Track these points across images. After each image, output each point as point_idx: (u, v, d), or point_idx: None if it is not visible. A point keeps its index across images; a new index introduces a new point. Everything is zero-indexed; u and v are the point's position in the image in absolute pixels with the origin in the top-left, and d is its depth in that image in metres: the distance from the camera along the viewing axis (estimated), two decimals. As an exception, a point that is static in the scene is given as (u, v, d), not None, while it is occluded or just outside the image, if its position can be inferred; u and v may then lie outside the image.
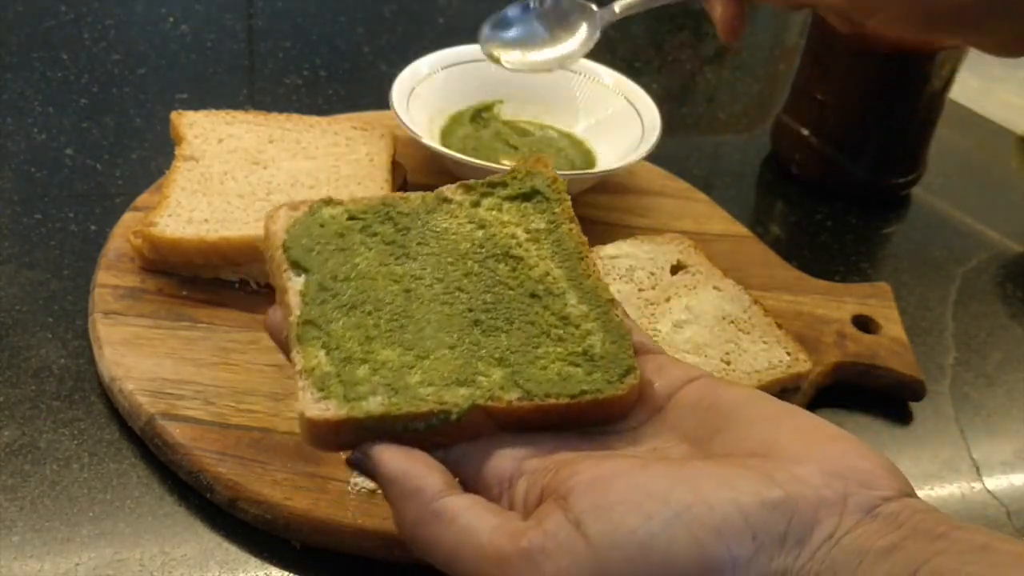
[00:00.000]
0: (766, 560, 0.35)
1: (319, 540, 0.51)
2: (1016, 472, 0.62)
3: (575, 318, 0.44)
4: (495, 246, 0.46)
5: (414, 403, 0.40)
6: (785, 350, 0.60)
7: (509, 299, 0.44)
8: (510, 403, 0.41)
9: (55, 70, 0.86)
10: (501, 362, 0.42)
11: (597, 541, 0.35)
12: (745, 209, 0.81)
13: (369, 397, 0.40)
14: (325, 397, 0.40)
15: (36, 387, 0.57)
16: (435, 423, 0.40)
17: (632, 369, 0.42)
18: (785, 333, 0.61)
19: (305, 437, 0.40)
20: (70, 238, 0.68)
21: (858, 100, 0.79)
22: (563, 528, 0.36)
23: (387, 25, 1.01)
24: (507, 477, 0.40)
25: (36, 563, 0.49)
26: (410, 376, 0.41)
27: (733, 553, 0.35)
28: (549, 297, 0.44)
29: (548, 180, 0.48)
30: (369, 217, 0.46)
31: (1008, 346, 0.71)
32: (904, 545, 0.34)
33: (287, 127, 0.71)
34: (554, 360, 0.42)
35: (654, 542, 0.35)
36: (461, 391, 0.41)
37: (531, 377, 0.42)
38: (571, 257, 0.46)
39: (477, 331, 0.43)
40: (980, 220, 0.85)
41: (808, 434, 0.39)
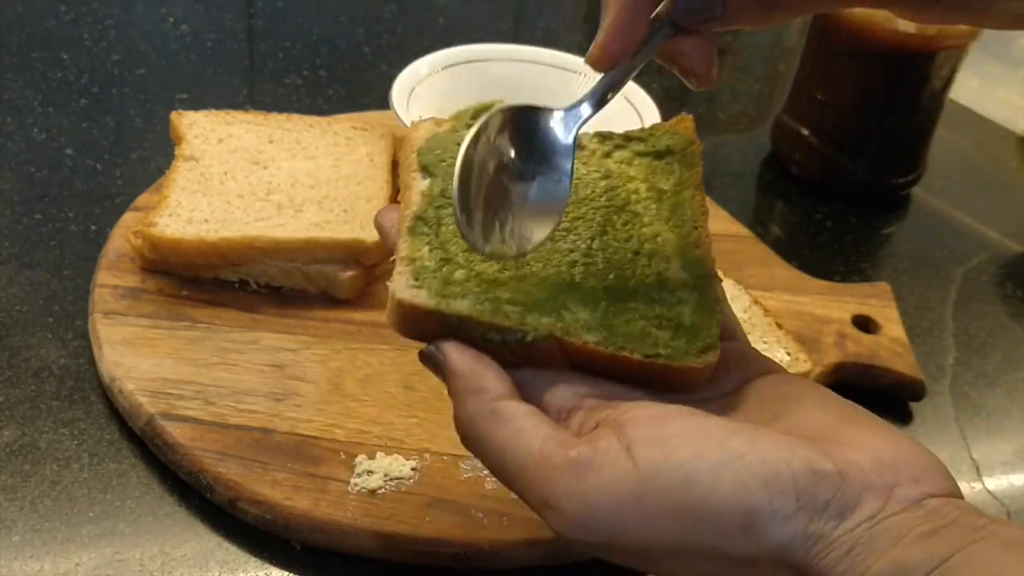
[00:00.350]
0: (804, 521, 0.36)
1: (319, 540, 0.51)
2: (1016, 472, 0.62)
3: (672, 284, 0.44)
4: (614, 197, 0.46)
5: (497, 315, 0.41)
6: (785, 350, 0.60)
7: (613, 250, 0.45)
8: (586, 343, 0.41)
9: (55, 70, 0.86)
10: (589, 304, 0.42)
11: (644, 465, 0.36)
12: (745, 209, 0.81)
13: (459, 298, 0.41)
14: (418, 286, 0.41)
15: (36, 387, 0.57)
16: (511, 339, 0.41)
17: (713, 347, 0.42)
18: (785, 333, 0.61)
19: (391, 318, 0.42)
20: (70, 238, 0.68)
21: (858, 100, 0.79)
22: (614, 448, 0.37)
23: (387, 25, 1.01)
24: (567, 408, 0.41)
25: (36, 563, 0.49)
26: (500, 292, 0.42)
27: (774, 506, 0.35)
28: (653, 258, 0.45)
29: (685, 142, 0.48)
30: None
31: (1008, 346, 0.71)
32: (943, 532, 0.35)
33: (287, 127, 0.71)
34: (641, 318, 0.42)
35: (700, 477, 0.36)
36: (544, 319, 0.41)
37: (614, 327, 0.42)
38: (686, 224, 0.46)
39: (575, 271, 0.44)
40: (980, 220, 0.85)
41: (868, 427, 0.39)
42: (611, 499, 0.36)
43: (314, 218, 0.63)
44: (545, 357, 0.42)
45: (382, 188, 0.67)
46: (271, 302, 0.62)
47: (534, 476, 0.38)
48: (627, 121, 0.76)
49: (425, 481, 0.53)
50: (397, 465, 0.53)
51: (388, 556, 0.50)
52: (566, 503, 0.37)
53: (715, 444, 0.36)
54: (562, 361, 0.42)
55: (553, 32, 1.06)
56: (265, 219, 0.63)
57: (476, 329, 0.41)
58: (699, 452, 0.36)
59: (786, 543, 0.36)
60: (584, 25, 1.11)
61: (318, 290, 0.63)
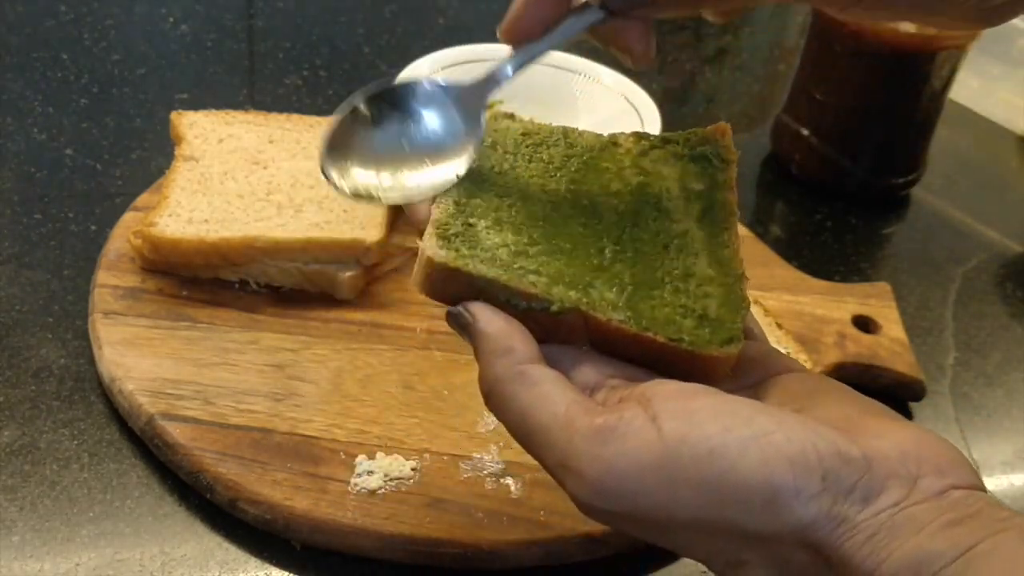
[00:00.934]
0: (828, 502, 0.36)
1: (319, 540, 0.51)
2: (1016, 472, 0.62)
3: (699, 278, 0.44)
4: (646, 193, 0.47)
5: (524, 282, 0.41)
6: (785, 350, 0.60)
7: (641, 241, 0.45)
8: (611, 320, 0.41)
9: (55, 70, 0.86)
10: (616, 287, 0.43)
11: (669, 436, 0.36)
12: (745, 209, 0.81)
13: (486, 262, 0.42)
14: (447, 247, 0.41)
15: (36, 387, 0.57)
16: (535, 307, 0.41)
17: (737, 339, 0.42)
18: (785, 333, 0.61)
19: (418, 278, 0.42)
20: (70, 238, 0.68)
21: (858, 100, 0.79)
22: (639, 417, 0.37)
23: (387, 25, 1.01)
24: (591, 385, 0.41)
25: (36, 563, 0.49)
26: (527, 263, 0.42)
27: (798, 484, 0.35)
28: (681, 252, 0.45)
29: (722, 149, 0.49)
30: (541, 138, 0.49)
31: (1008, 346, 0.71)
32: (967, 522, 0.35)
33: (287, 127, 0.71)
34: (667, 305, 0.43)
35: (725, 451, 0.35)
36: (570, 292, 0.42)
37: (640, 309, 0.42)
38: (716, 224, 0.46)
39: (603, 257, 0.44)
40: (980, 220, 0.85)
41: (893, 421, 0.39)
42: (634, 466, 0.36)
43: (314, 218, 0.63)
44: (568, 332, 0.42)
45: (382, 188, 0.67)
46: (271, 302, 0.62)
47: (557, 439, 0.37)
48: (627, 121, 0.76)
49: (425, 481, 0.53)
50: (397, 465, 0.53)
51: (388, 556, 0.50)
52: (588, 467, 0.36)
53: (742, 420, 0.36)
54: (584, 338, 0.42)
55: (553, 32, 1.06)
56: (265, 219, 0.63)
57: (503, 293, 0.41)
58: (726, 427, 0.36)
59: (809, 522, 0.36)
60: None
61: (318, 290, 0.63)
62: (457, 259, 0.41)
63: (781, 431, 0.36)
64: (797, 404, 0.41)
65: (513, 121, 0.49)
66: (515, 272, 0.42)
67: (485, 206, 0.44)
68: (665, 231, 0.46)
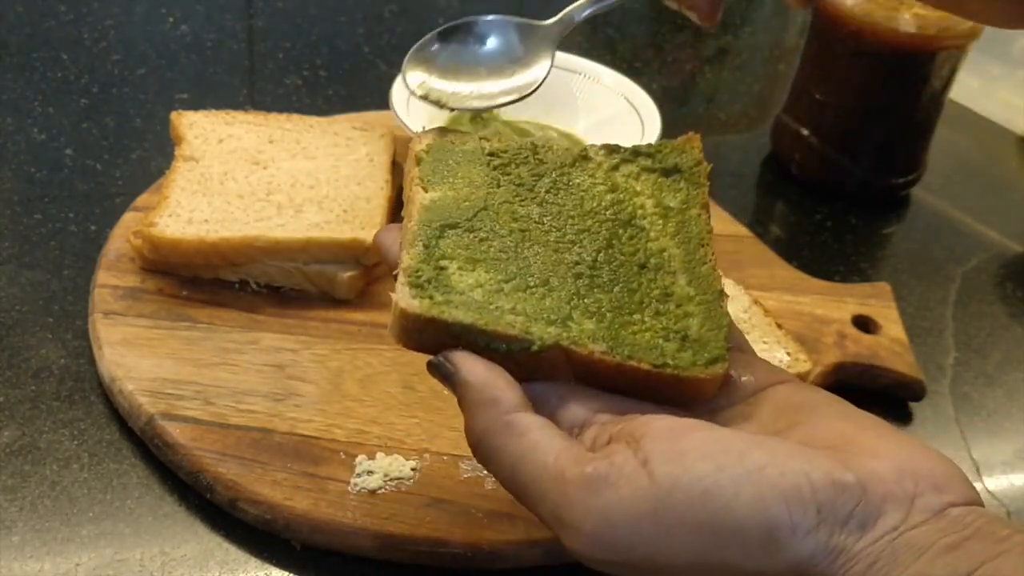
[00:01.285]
0: (826, 535, 0.35)
1: (319, 540, 0.51)
2: (1016, 472, 0.62)
3: (679, 298, 0.44)
4: (621, 211, 0.47)
5: (501, 323, 0.41)
6: (785, 350, 0.60)
7: (618, 263, 0.45)
8: (592, 353, 0.41)
9: (55, 70, 0.86)
10: (595, 316, 0.42)
11: (662, 481, 0.35)
12: (745, 209, 0.81)
13: (461, 307, 0.41)
14: (421, 295, 0.41)
15: (36, 387, 0.57)
16: (515, 348, 0.41)
17: (721, 359, 0.42)
18: (785, 333, 0.61)
19: (394, 330, 0.42)
20: (70, 238, 0.68)
21: (858, 100, 0.79)
22: (630, 463, 0.36)
23: (387, 25, 1.01)
24: (579, 423, 0.40)
25: (36, 563, 0.49)
26: (503, 301, 0.42)
27: (794, 520, 0.35)
28: (659, 272, 0.45)
29: (693, 161, 0.49)
30: (509, 157, 0.48)
31: (1008, 346, 0.71)
32: (966, 545, 0.34)
33: (287, 127, 0.71)
34: (647, 330, 0.43)
35: (719, 491, 0.35)
36: (549, 329, 0.41)
37: (621, 337, 0.42)
38: (692, 241, 0.46)
39: (579, 283, 0.44)
40: (980, 220, 0.85)
41: (885, 436, 0.39)
42: (629, 515, 0.35)
43: (314, 218, 0.63)
44: (551, 369, 0.41)
45: (382, 188, 0.67)
46: (271, 302, 0.62)
47: (548, 491, 0.37)
48: (627, 121, 0.76)
49: (425, 481, 0.53)
50: (397, 465, 0.53)
51: (388, 556, 0.50)
52: (583, 520, 0.36)
53: (734, 457, 0.36)
54: (568, 373, 0.42)
55: (553, 32, 1.06)
56: (265, 219, 0.63)
57: (481, 338, 0.41)
58: (718, 465, 0.35)
59: (808, 557, 0.35)
60: (584, 25, 1.10)
61: (318, 290, 0.63)
62: (432, 308, 0.41)
63: (773, 464, 0.36)
64: (788, 420, 0.40)
65: (477, 141, 0.49)
66: (492, 314, 0.41)
67: (455, 244, 0.44)
68: (642, 250, 0.46)
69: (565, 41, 0.75)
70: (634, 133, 0.75)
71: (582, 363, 0.41)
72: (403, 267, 0.43)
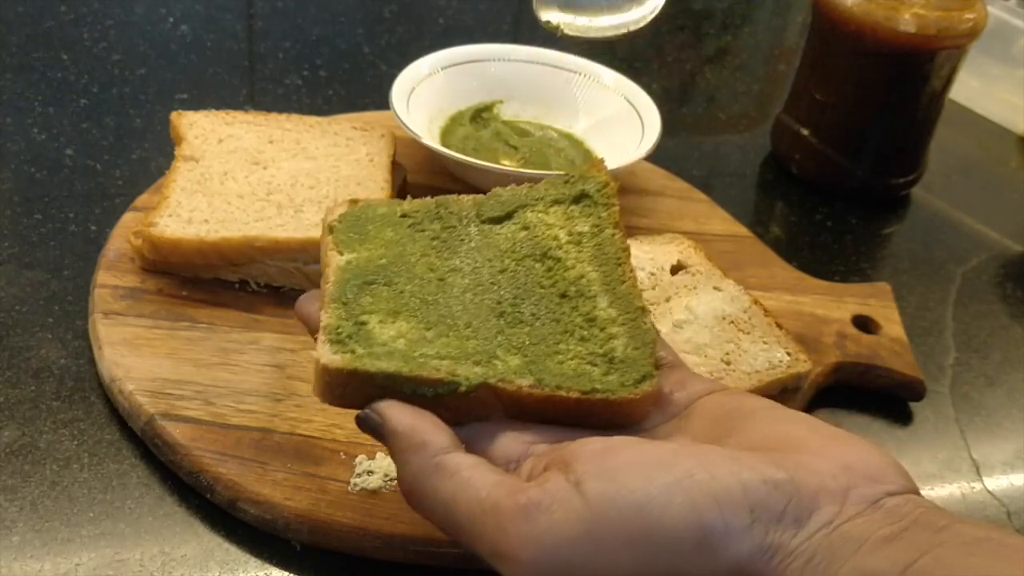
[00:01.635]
0: (761, 534, 0.35)
1: (319, 540, 0.51)
2: (1016, 472, 0.62)
3: (602, 321, 0.44)
4: (535, 247, 0.47)
5: (426, 369, 0.41)
6: (785, 350, 0.60)
7: (539, 296, 0.45)
8: (520, 388, 0.41)
9: (55, 70, 0.86)
10: (520, 351, 0.43)
11: (595, 500, 0.35)
12: (745, 209, 0.81)
13: (384, 357, 0.41)
14: (341, 351, 0.41)
15: (36, 387, 0.57)
16: (443, 391, 0.41)
17: (649, 376, 0.42)
18: (785, 333, 0.61)
19: (317, 387, 0.42)
20: (70, 238, 0.68)
21: (858, 100, 0.79)
22: (562, 487, 0.36)
23: (387, 25, 1.01)
24: (515, 458, 0.40)
25: (36, 563, 0.49)
26: (427, 348, 0.42)
27: (728, 521, 0.35)
28: (579, 298, 0.45)
29: (599, 184, 0.49)
30: (420, 215, 0.49)
31: (1008, 346, 0.71)
32: (904, 536, 0.34)
33: (287, 127, 0.71)
34: (573, 357, 0.43)
35: (650, 503, 0.35)
36: (475, 369, 0.41)
37: (547, 369, 0.42)
38: (609, 262, 0.46)
39: (501, 321, 0.44)
40: (980, 220, 0.85)
41: (819, 433, 0.39)
42: (564, 539, 0.35)
43: (314, 218, 0.63)
44: (482, 409, 0.42)
45: (382, 188, 0.67)
46: (271, 302, 0.62)
47: (484, 526, 0.37)
48: (627, 121, 0.76)
49: (425, 481, 0.53)
50: (397, 465, 0.53)
51: (388, 556, 0.50)
52: (520, 550, 0.36)
53: (663, 468, 0.36)
54: (499, 411, 0.42)
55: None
56: (265, 219, 0.63)
57: (406, 385, 0.41)
58: (648, 477, 0.36)
59: (744, 558, 0.35)
60: (584, 25, 1.10)
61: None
62: (353, 360, 0.41)
63: (703, 469, 0.36)
64: (725, 428, 0.40)
65: (387, 206, 0.49)
66: (416, 361, 0.41)
67: (374, 299, 0.44)
68: (560, 280, 0.46)
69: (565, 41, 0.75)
70: (634, 133, 0.75)
71: (512, 399, 0.41)
72: (323, 326, 0.43)
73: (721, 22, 1.12)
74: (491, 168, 0.69)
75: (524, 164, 0.74)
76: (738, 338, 0.60)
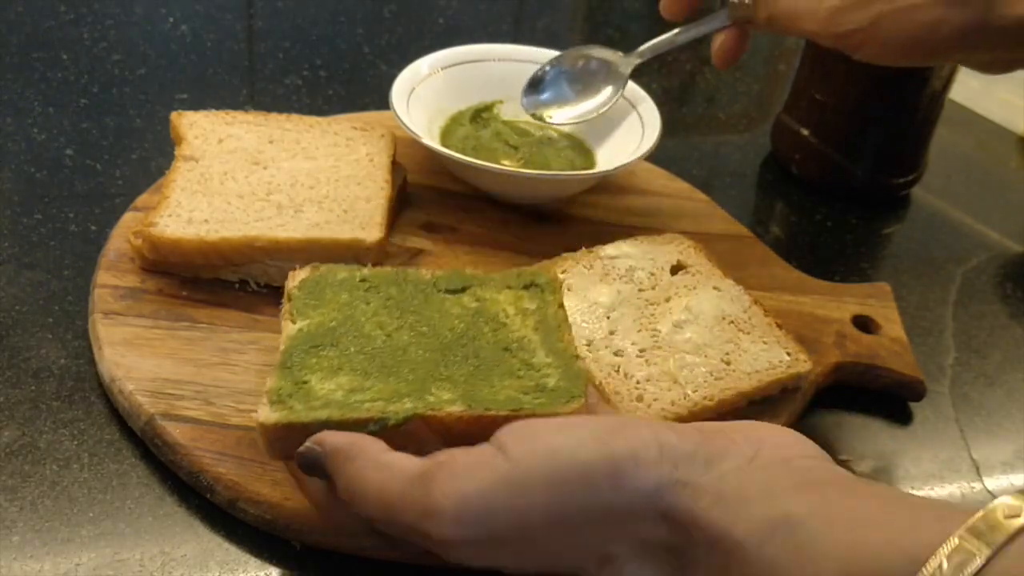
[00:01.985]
0: (670, 467, 0.37)
1: (319, 540, 0.51)
2: (1016, 472, 0.62)
3: (538, 365, 0.48)
4: (484, 314, 0.51)
5: (358, 411, 0.44)
6: (785, 350, 0.60)
7: (480, 347, 0.49)
8: (450, 414, 0.44)
9: (55, 70, 0.86)
10: (454, 385, 0.46)
11: (514, 454, 0.38)
12: (745, 209, 0.81)
13: (320, 408, 0.44)
14: (279, 409, 0.44)
15: (36, 387, 0.57)
16: (375, 428, 0.43)
17: (578, 397, 0.45)
18: (785, 333, 0.61)
19: (261, 443, 0.45)
20: (70, 238, 0.68)
21: (858, 100, 0.79)
22: (486, 451, 0.38)
23: (387, 25, 1.01)
24: None
25: (36, 563, 0.49)
26: (363, 395, 0.45)
27: (637, 453, 0.37)
28: (520, 351, 0.49)
29: (548, 278, 0.53)
30: (379, 280, 0.53)
31: (1008, 346, 0.71)
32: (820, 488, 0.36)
33: (287, 127, 0.71)
34: (507, 388, 0.46)
35: (565, 445, 0.38)
36: (406, 404, 0.44)
37: (478, 396, 0.45)
38: (551, 330, 0.50)
39: (441, 364, 0.47)
40: (980, 220, 0.85)
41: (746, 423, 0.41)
42: (487, 488, 0.37)
43: (314, 218, 0.63)
44: (417, 442, 0.44)
45: (382, 188, 0.67)
46: (271, 302, 0.62)
47: (412, 495, 0.38)
48: (627, 121, 0.76)
49: (425, 481, 0.53)
50: (397, 465, 0.53)
51: (388, 556, 0.50)
52: (444, 502, 0.37)
53: (580, 423, 0.39)
54: (433, 442, 0.44)
55: (553, 32, 1.06)
56: (265, 219, 0.63)
57: (340, 428, 0.43)
58: (562, 430, 0.38)
59: (653, 489, 0.37)
60: (584, 25, 1.11)
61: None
62: (290, 415, 0.44)
63: (618, 422, 0.39)
64: None
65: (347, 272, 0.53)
66: (351, 407, 0.44)
67: (319, 361, 0.47)
68: (504, 339, 0.49)
69: (565, 41, 0.76)
70: (634, 133, 0.75)
71: (442, 427, 0.44)
72: (265, 390, 0.45)
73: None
74: (491, 168, 0.69)
75: (524, 164, 0.74)
76: (738, 338, 0.60)
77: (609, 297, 0.62)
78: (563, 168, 0.73)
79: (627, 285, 0.63)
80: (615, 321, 0.60)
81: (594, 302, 0.61)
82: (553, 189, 0.73)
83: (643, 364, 0.57)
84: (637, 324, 0.60)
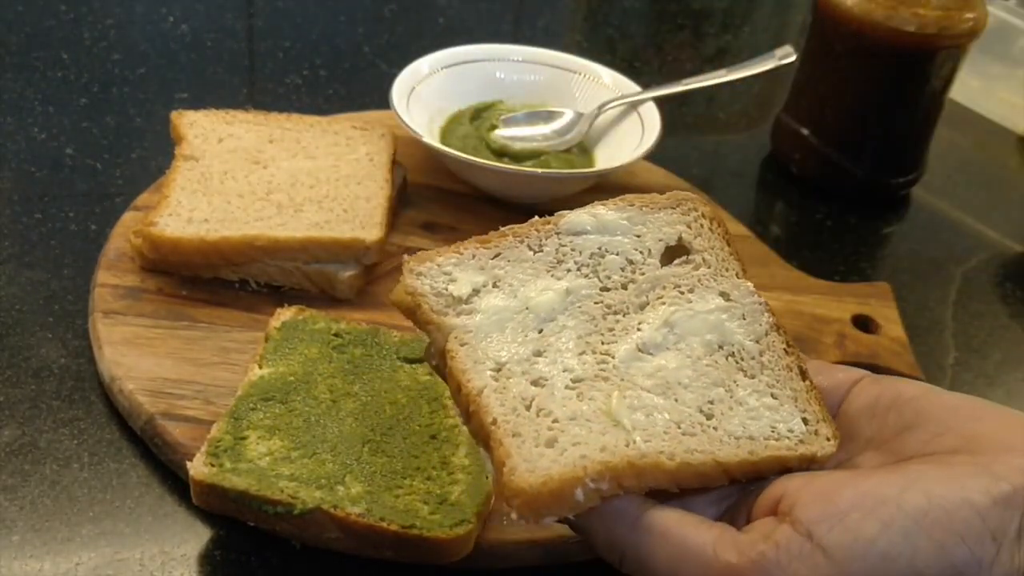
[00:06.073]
0: (1007, 558, 0.35)
1: (319, 540, 0.50)
2: (1016, 472, 0.62)
3: (452, 467, 0.50)
4: (430, 390, 0.53)
5: (271, 489, 0.47)
6: (802, 414, 0.41)
7: (409, 432, 0.51)
8: (350, 515, 0.47)
9: (55, 70, 0.86)
10: (366, 480, 0.48)
11: (836, 553, 0.35)
12: (745, 209, 0.81)
13: (243, 474, 0.47)
14: (211, 464, 0.48)
15: (36, 387, 0.57)
16: (282, 511, 0.46)
17: (467, 522, 0.47)
18: (809, 388, 0.43)
19: (192, 493, 0.48)
20: (70, 238, 0.68)
21: (858, 100, 0.79)
22: (795, 540, 0.35)
23: (387, 25, 1.01)
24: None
25: (36, 563, 0.49)
26: (285, 468, 0.48)
27: (976, 555, 0.35)
28: (444, 443, 0.51)
29: None
30: (350, 338, 0.56)
31: (1008, 346, 0.71)
32: None
33: (287, 127, 0.71)
34: (410, 493, 0.48)
35: (897, 551, 0.35)
36: (316, 493, 0.47)
37: (382, 500, 0.47)
38: None
39: (365, 449, 0.50)
40: (980, 220, 0.85)
41: (1009, 423, 0.38)
42: None
43: (314, 218, 0.63)
44: (319, 527, 0.47)
45: (382, 188, 0.67)
46: (271, 302, 0.62)
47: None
48: (627, 121, 0.76)
49: (425, 481, 0.53)
50: (397, 465, 0.53)
51: (388, 556, 0.50)
52: None
53: (894, 507, 0.35)
54: (335, 530, 0.47)
55: (553, 32, 1.06)
56: (265, 219, 0.63)
57: (254, 502, 0.46)
58: (883, 522, 0.35)
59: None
60: (584, 25, 1.11)
61: (318, 290, 0.63)
62: (215, 475, 0.47)
63: (934, 505, 0.35)
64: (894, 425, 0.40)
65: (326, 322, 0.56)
66: (268, 481, 0.47)
67: (264, 416, 0.50)
68: (437, 423, 0.52)
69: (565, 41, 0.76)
70: (634, 133, 0.75)
71: (341, 524, 0.47)
72: (209, 437, 0.49)
73: (721, 22, 1.12)
74: (491, 167, 0.69)
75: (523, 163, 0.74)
76: (735, 380, 0.42)
77: (551, 299, 0.43)
78: (563, 167, 0.73)
79: (584, 280, 0.44)
80: (548, 337, 0.42)
81: (527, 306, 0.43)
82: (553, 188, 0.73)
83: (571, 399, 0.40)
84: (581, 343, 0.42)
